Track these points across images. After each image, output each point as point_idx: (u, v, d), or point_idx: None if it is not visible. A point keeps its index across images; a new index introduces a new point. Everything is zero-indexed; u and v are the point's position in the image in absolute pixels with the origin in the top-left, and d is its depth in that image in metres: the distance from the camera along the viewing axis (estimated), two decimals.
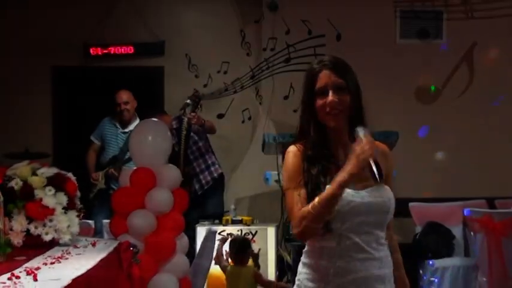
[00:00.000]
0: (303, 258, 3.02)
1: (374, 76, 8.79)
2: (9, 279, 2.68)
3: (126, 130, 7.63)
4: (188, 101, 7.88)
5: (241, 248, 6.13)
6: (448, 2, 9.01)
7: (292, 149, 2.99)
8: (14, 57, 8.86)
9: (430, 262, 7.73)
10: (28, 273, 2.80)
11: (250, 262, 6.41)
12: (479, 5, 8.92)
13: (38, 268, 2.95)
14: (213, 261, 5.84)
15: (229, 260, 6.16)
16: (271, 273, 6.79)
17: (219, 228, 6.82)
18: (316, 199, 2.74)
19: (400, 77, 8.93)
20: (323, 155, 2.91)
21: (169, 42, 8.98)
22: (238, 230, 6.94)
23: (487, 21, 8.85)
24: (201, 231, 6.61)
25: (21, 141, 7.90)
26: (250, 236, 6.92)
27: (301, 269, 3.02)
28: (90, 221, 6.93)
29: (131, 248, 3.84)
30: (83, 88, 9.20)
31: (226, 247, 6.35)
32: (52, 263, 3.13)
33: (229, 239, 6.31)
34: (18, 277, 2.73)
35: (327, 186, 2.76)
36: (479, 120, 8.92)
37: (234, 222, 7.06)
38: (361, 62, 8.65)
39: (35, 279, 2.72)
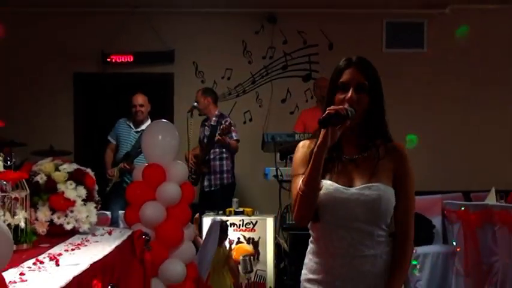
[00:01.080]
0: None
1: None
2: (34, 264, 2.70)
3: (139, 129, 7.64)
4: (195, 104, 7.91)
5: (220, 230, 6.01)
6: (429, 15, 9.03)
7: (303, 142, 2.88)
8: (41, 64, 8.88)
9: (413, 249, 7.74)
10: (51, 259, 2.81)
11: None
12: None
13: (60, 254, 2.96)
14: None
15: None
16: (269, 259, 6.78)
17: (223, 219, 6.83)
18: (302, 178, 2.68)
19: (386, 82, 8.87)
20: (329, 149, 2.70)
21: (178, 51, 8.98)
22: (240, 220, 6.94)
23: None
24: (206, 221, 6.61)
25: (46, 140, 7.90)
26: (251, 225, 6.91)
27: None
28: (106, 212, 6.94)
29: (143, 236, 3.85)
30: (101, 92, 9.23)
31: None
32: (73, 250, 3.14)
33: (210, 222, 6.14)
34: (42, 262, 2.74)
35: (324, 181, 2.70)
36: (456, 123, 8.95)
37: (237, 213, 7.05)
38: None
39: (57, 264, 2.73)
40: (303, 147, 2.84)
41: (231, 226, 6.71)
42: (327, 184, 2.71)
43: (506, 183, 7.75)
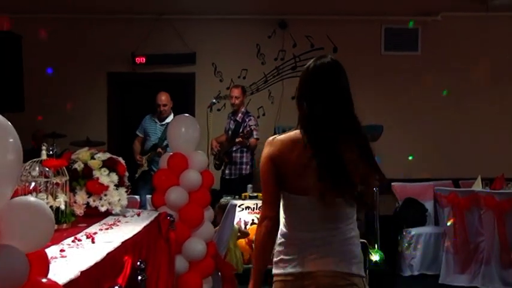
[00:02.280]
0: None
1: (363, 80, 8.78)
2: (73, 241, 2.73)
3: (163, 123, 7.68)
4: (214, 100, 7.93)
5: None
6: (423, 21, 9.01)
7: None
8: (79, 65, 8.90)
9: (408, 230, 7.75)
10: (87, 237, 2.84)
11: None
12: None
13: (95, 233, 2.99)
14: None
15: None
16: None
17: (239, 202, 6.83)
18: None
19: (384, 81, 8.92)
20: None
21: (199, 53, 8.96)
22: (254, 204, 6.95)
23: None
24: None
25: (83, 132, 7.97)
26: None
27: None
28: (136, 196, 6.97)
29: (168, 218, 3.88)
30: (131, 90, 9.26)
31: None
32: (106, 229, 3.17)
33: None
34: (80, 240, 2.77)
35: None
36: (446, 117, 8.93)
37: (251, 198, 7.06)
38: (352, 69, 8.74)
39: (93, 242, 2.75)
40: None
41: (246, 209, 6.72)
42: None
43: (491, 171, 7.71)
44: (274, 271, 2.66)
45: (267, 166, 2.68)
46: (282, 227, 2.68)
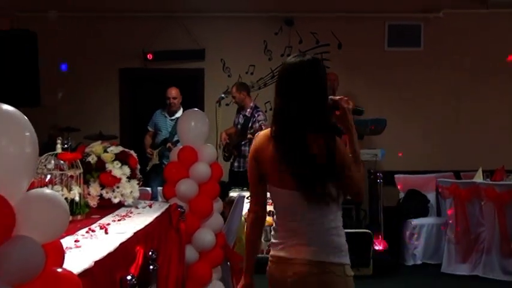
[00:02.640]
0: None
1: (367, 75, 8.81)
2: (87, 232, 2.73)
3: (173, 118, 7.67)
4: (222, 95, 7.93)
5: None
6: (425, 18, 8.97)
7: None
8: (92, 61, 8.92)
9: (411, 221, 7.73)
10: (101, 228, 2.84)
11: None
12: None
13: (108, 224, 2.99)
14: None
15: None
16: None
17: (247, 194, 6.82)
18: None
19: (387, 76, 8.89)
20: None
21: (208, 49, 8.95)
22: None
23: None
24: (232, 195, 6.60)
25: (96, 126, 7.98)
26: (270, 200, 6.86)
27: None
28: (147, 188, 6.98)
29: (179, 209, 3.87)
30: (142, 85, 9.26)
31: None
32: (119, 220, 3.17)
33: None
34: (93, 231, 2.77)
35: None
36: (448, 110, 8.91)
37: None
38: (357, 65, 8.82)
39: (106, 233, 2.75)
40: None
41: None
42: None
43: (491, 164, 7.69)
44: (270, 253, 2.76)
45: (250, 162, 2.77)
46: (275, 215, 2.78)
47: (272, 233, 2.76)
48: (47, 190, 1.72)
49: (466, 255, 7.14)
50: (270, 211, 6.75)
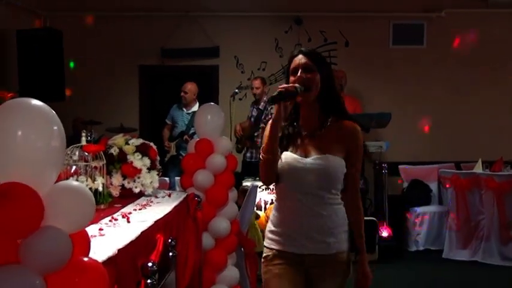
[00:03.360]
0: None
1: (373, 71, 8.76)
2: (110, 221, 2.70)
3: (190, 111, 7.66)
4: (236, 90, 7.91)
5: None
6: (428, 17, 8.90)
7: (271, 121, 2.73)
8: (113, 58, 8.93)
9: (414, 209, 7.69)
10: (123, 217, 2.81)
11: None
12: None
13: (130, 213, 2.96)
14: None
15: None
16: None
17: (260, 183, 6.79)
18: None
19: (392, 72, 8.84)
20: (289, 125, 2.75)
21: (222, 47, 8.94)
22: (273, 185, 6.87)
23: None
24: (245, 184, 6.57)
25: (117, 120, 7.96)
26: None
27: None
28: (165, 178, 6.96)
29: (196, 198, 3.84)
30: (160, 81, 9.24)
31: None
32: (140, 209, 3.14)
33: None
34: (116, 219, 2.74)
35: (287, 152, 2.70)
36: (449, 104, 8.84)
37: None
38: (363, 61, 8.76)
39: (128, 221, 2.72)
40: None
41: (266, 190, 6.67)
42: (288, 155, 2.70)
43: (490, 155, 7.65)
44: None
45: None
46: None
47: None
48: (74, 182, 1.69)
49: (466, 242, 7.12)
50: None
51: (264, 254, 2.83)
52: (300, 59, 2.70)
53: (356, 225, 2.77)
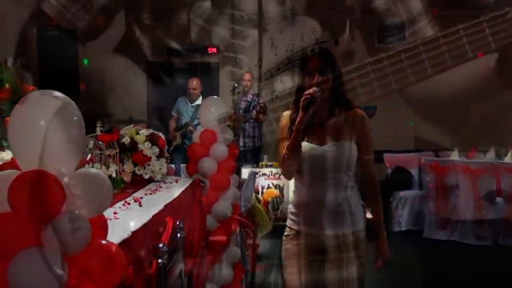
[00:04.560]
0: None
1: (360, 69, 8.71)
2: (123, 205, 2.66)
3: (194, 104, 7.60)
4: (236, 84, 7.86)
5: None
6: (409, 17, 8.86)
7: (285, 112, 2.77)
8: (124, 55, 8.88)
9: (397, 193, 7.68)
10: (135, 201, 2.77)
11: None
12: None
13: (141, 197, 2.92)
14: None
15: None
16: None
17: (257, 170, 6.77)
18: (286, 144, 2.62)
19: (378, 68, 8.80)
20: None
21: (222, 46, 8.91)
22: (270, 171, 6.86)
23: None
24: (244, 172, 6.56)
25: (127, 112, 7.92)
26: (277, 175, 6.83)
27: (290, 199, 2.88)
28: (172, 165, 6.91)
29: (201, 184, 3.81)
30: (166, 76, 9.19)
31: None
32: (150, 194, 3.11)
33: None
34: (129, 203, 2.70)
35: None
36: (427, 100, 8.82)
37: (267, 166, 6.99)
38: (351, 58, 8.69)
39: (140, 205, 2.69)
40: (285, 116, 2.75)
41: (262, 176, 6.65)
42: (304, 144, 2.65)
43: (466, 144, 7.66)
44: None
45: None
46: None
47: None
48: (93, 170, 1.65)
49: (444, 223, 7.12)
50: (276, 184, 6.67)
51: (285, 233, 2.81)
52: (315, 61, 2.63)
53: (375, 207, 2.82)
